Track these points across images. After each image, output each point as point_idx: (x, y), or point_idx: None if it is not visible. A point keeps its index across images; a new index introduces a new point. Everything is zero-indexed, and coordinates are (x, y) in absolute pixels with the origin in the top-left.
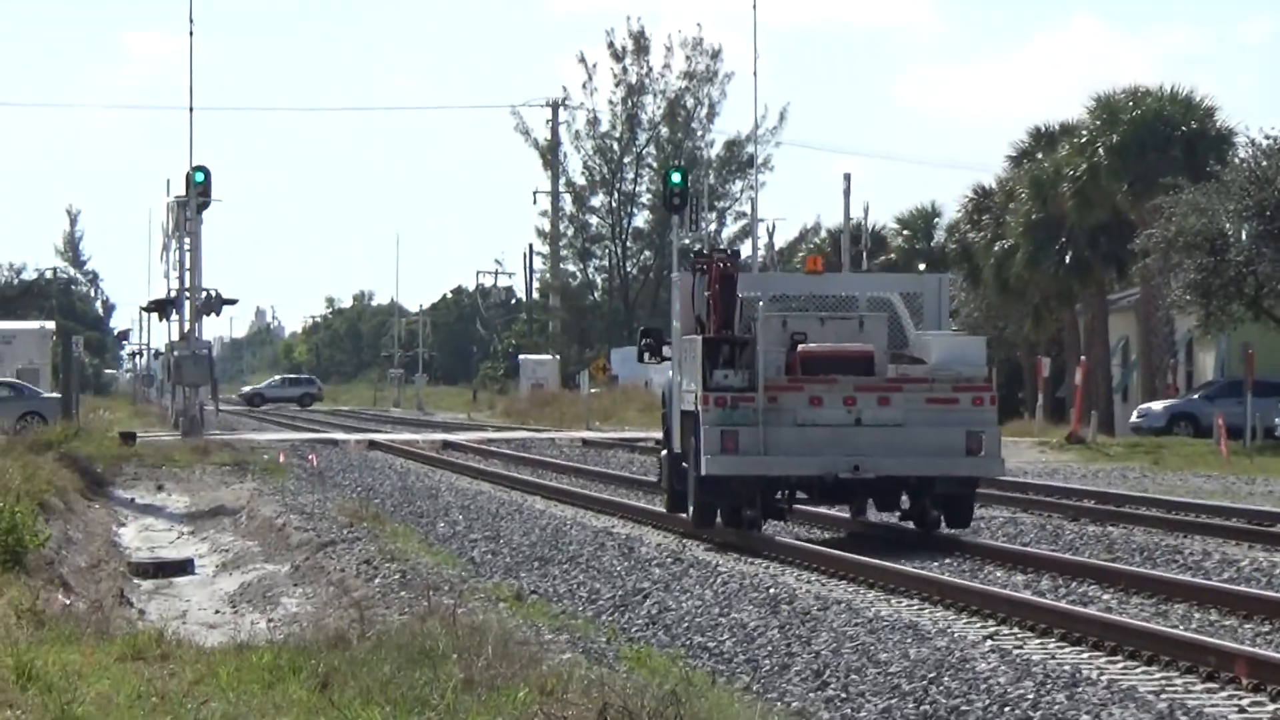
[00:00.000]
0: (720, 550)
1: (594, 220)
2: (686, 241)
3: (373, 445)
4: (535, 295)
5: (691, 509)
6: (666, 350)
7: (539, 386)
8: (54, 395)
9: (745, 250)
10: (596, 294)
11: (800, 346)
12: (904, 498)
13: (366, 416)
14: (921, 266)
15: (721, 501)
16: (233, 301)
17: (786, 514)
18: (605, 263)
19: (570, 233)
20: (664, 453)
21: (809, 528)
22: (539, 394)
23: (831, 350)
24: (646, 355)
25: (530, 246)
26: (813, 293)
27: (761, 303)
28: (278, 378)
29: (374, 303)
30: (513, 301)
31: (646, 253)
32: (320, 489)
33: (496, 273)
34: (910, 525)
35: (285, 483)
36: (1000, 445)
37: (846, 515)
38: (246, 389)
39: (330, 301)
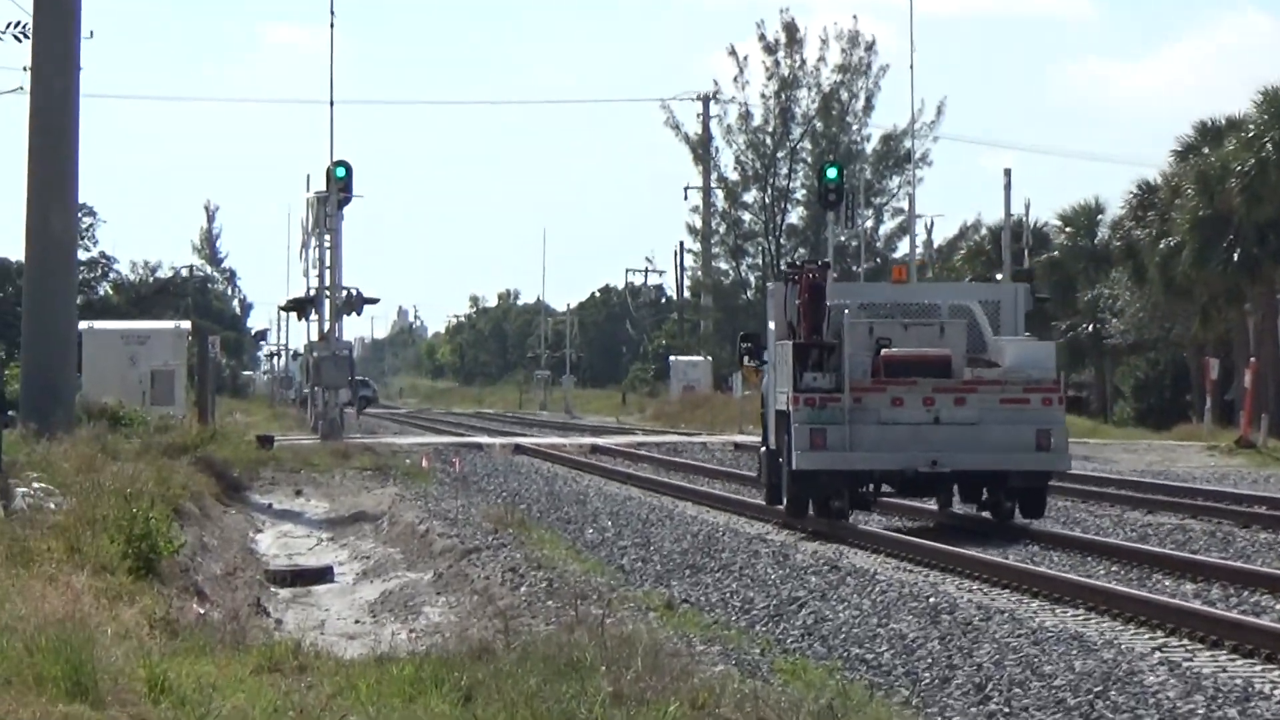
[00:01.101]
0: (878, 556)
1: (747, 217)
2: (842, 239)
3: (518, 449)
4: (686, 294)
5: (785, 500)
6: (764, 355)
7: (690, 389)
8: None
9: (903, 248)
10: (750, 293)
11: (883, 351)
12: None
13: (512, 419)
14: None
15: (812, 493)
16: (374, 300)
17: (872, 505)
18: (758, 260)
19: (722, 229)
20: (762, 449)
21: (899, 518)
22: (690, 396)
23: (912, 354)
24: (745, 359)
25: (681, 244)
26: (897, 301)
27: (848, 310)
28: None
29: (520, 302)
30: (663, 301)
31: (801, 250)
32: (464, 494)
33: (646, 270)
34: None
35: (428, 488)
36: (1068, 442)
37: (931, 507)
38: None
39: (474, 301)
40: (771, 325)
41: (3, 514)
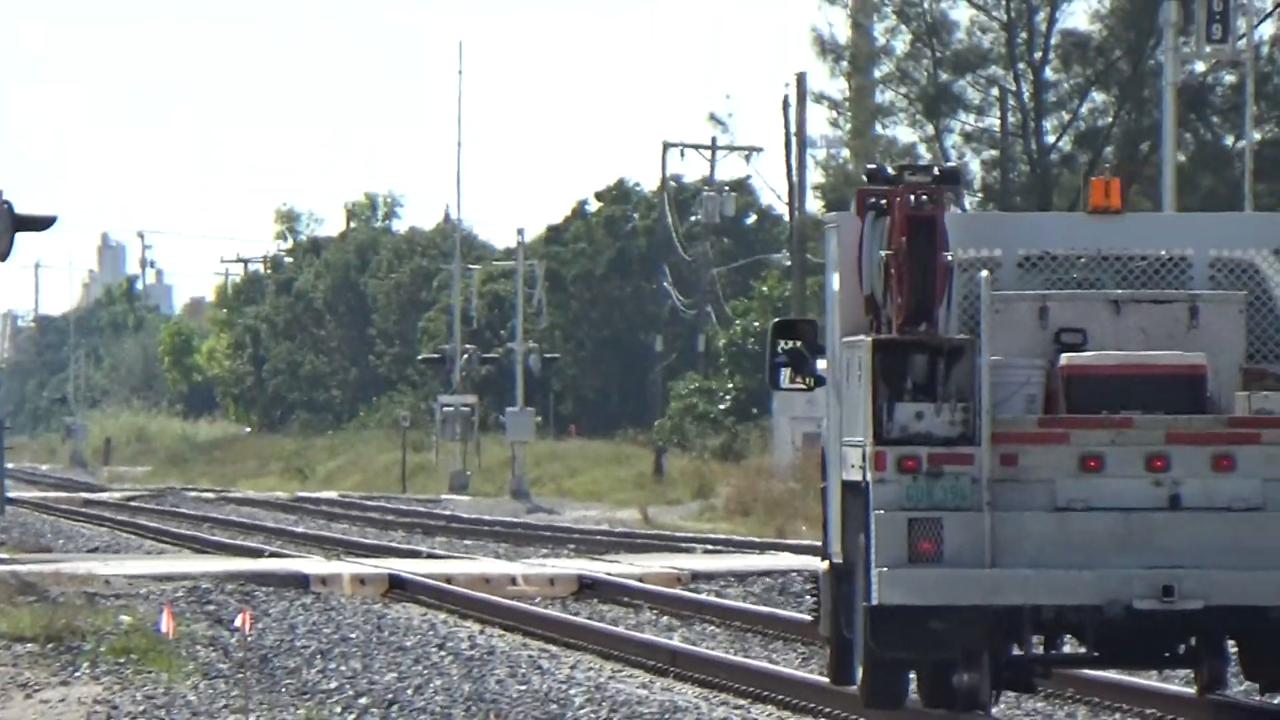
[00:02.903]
0: None
1: (962, 16)
2: (1197, 67)
3: (397, 587)
4: (813, 202)
5: (860, 672)
6: (822, 365)
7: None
8: None
9: None
10: (968, 200)
11: (1066, 358)
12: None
13: (384, 514)
14: None
15: (914, 656)
16: (43, 223)
17: (1039, 680)
18: (988, 121)
19: (901, 48)
20: (822, 565)
21: (1088, 704)
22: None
23: (1128, 364)
24: (785, 374)
25: (800, 79)
26: (1101, 250)
27: (990, 272)
28: None
29: (398, 224)
30: (748, 220)
31: (1095, 98)
32: (263, 703)
33: (714, 147)
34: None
35: (175, 685)
36: None
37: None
38: None
39: (287, 223)
40: (834, 300)
41: None
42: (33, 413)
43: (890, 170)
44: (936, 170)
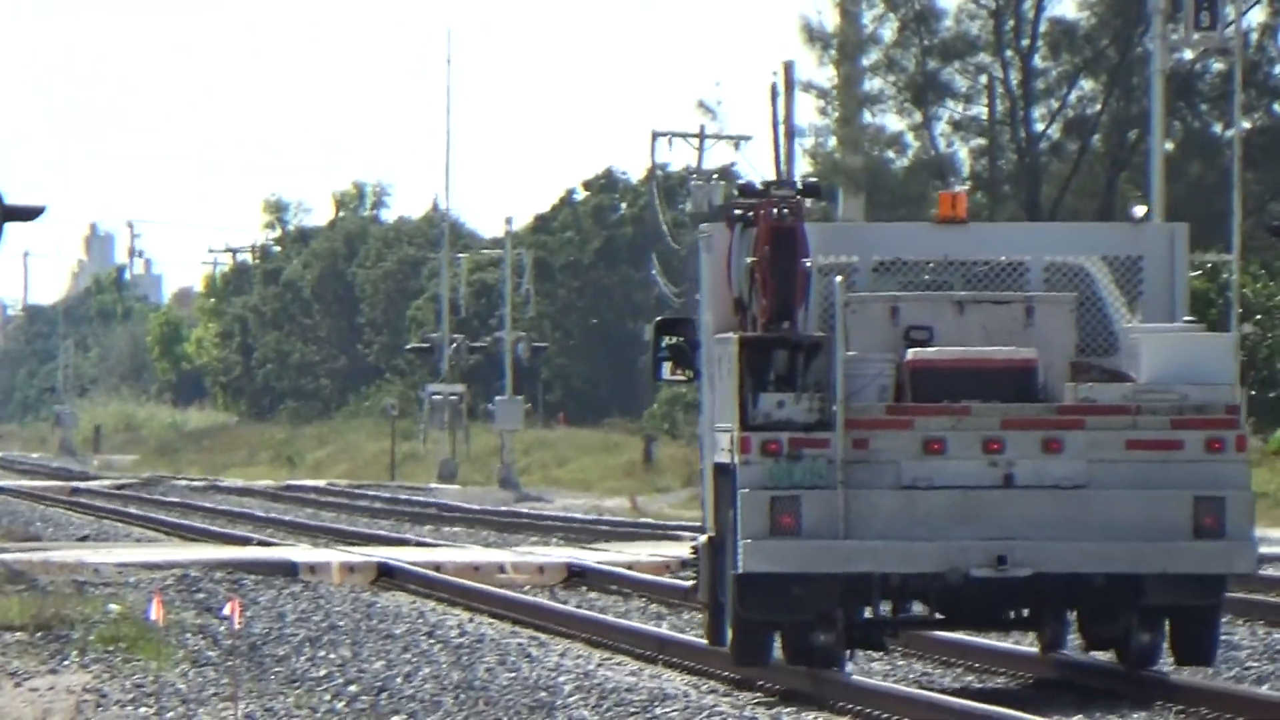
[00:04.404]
0: None
1: (948, 5)
2: (1185, 55)
3: (386, 575)
4: (798, 186)
5: (730, 633)
6: (698, 360)
7: None
8: None
9: None
10: (956, 188)
11: (913, 353)
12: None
13: (372, 503)
14: None
15: (776, 618)
16: (31, 213)
17: (888, 639)
18: (976, 109)
19: (889, 36)
20: (701, 539)
21: (942, 664)
22: None
23: (967, 358)
24: (667, 367)
25: (788, 68)
26: (949, 256)
27: (844, 276)
28: None
29: (385, 213)
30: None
31: (1084, 85)
32: (253, 689)
33: (701, 136)
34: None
35: (165, 673)
36: (1254, 520)
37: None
38: None
39: (275, 212)
40: (707, 301)
41: None
42: (22, 401)
43: (757, 185)
44: (799, 185)
